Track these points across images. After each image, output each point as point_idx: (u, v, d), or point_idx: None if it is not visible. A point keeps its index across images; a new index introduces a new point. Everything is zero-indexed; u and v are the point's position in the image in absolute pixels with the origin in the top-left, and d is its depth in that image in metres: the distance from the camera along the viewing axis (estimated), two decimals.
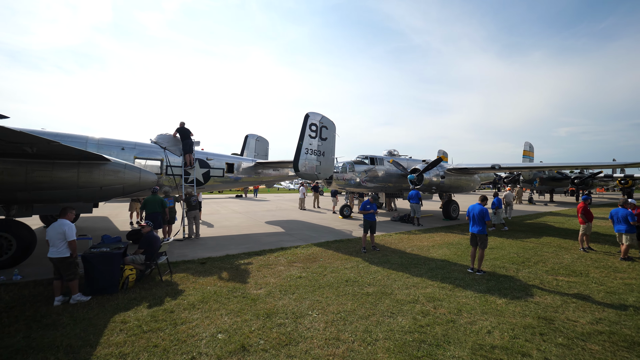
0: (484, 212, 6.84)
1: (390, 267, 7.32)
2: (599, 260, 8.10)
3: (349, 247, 9.24)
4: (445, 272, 6.95)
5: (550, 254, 8.70)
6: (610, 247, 9.56)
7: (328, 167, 11.58)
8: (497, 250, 9.00)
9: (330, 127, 11.58)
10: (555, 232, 12.13)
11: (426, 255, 8.50)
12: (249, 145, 16.23)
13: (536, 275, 6.83)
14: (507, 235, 11.48)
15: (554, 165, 12.00)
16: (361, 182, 15.36)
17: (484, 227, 6.90)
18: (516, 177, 26.47)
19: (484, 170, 13.61)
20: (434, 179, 14.43)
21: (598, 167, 10.49)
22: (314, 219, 15.42)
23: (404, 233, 11.73)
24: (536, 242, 10.31)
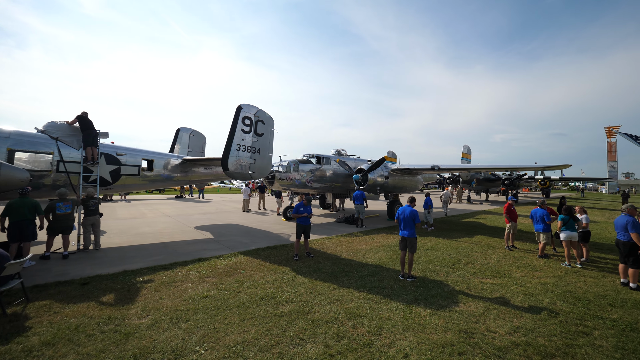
0: (414, 214, 6.50)
1: (319, 276, 6.64)
2: (520, 258, 8.36)
3: (280, 255, 8.40)
4: (376, 280, 6.47)
5: (480, 253, 8.82)
6: (530, 244, 10.09)
7: (264, 165, 10.61)
8: (432, 252, 8.89)
9: (267, 122, 10.62)
10: (486, 231, 12.68)
11: (361, 260, 8.02)
12: (181, 140, 14.50)
13: (464, 278, 6.68)
14: (444, 235, 11.66)
15: (487, 167, 12.53)
16: (306, 182, 14.65)
17: (414, 230, 6.57)
18: (457, 178, 28.19)
19: (425, 171, 13.84)
20: (378, 179, 14.28)
21: (523, 169, 11.05)
22: (254, 222, 14.32)
23: (345, 235, 11.25)
24: (469, 241, 10.53)
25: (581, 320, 4.81)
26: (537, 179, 30.52)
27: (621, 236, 6.31)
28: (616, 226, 6.48)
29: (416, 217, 6.48)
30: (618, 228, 6.39)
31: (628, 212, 6.32)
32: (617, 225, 6.44)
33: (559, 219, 7.97)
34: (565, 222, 7.83)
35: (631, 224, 6.11)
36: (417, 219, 6.48)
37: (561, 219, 7.91)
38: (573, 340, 4.23)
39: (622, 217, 6.37)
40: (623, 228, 6.24)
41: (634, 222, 6.13)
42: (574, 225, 7.80)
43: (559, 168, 10.31)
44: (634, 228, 6.04)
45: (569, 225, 7.79)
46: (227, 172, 9.51)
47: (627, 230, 6.19)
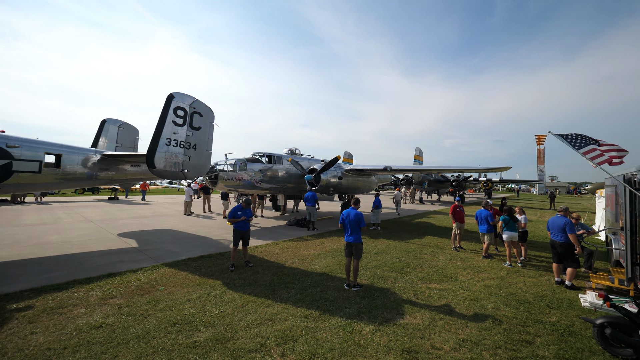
0: (359, 217, 5.95)
1: (254, 291, 5.78)
2: (466, 259, 8.34)
3: (214, 265, 7.35)
4: (318, 292, 5.79)
5: (428, 256, 8.66)
6: (476, 244, 10.29)
7: (201, 163, 9.41)
8: (381, 256, 8.51)
9: (206, 115, 9.44)
10: (435, 231, 12.84)
11: (306, 268, 7.31)
12: (107, 133, 12.51)
13: (412, 284, 6.32)
14: (395, 236, 11.48)
15: (435, 168, 12.67)
16: (255, 183, 13.61)
17: (360, 235, 6.03)
18: (410, 179, 29.15)
19: (378, 171, 13.68)
20: (331, 179, 13.77)
21: (469, 170, 11.23)
22: (194, 226, 12.89)
23: (293, 240, 10.47)
24: (418, 243, 10.43)
25: (523, 326, 4.61)
26: (480, 180, 32.91)
27: (558, 237, 6.39)
28: (552, 227, 6.58)
29: (361, 221, 5.94)
30: (554, 229, 6.48)
31: (564, 214, 6.46)
32: (553, 226, 6.54)
33: (500, 220, 8.09)
34: (506, 223, 7.95)
35: (569, 226, 6.21)
36: (362, 222, 5.95)
37: (502, 220, 8.02)
38: (517, 351, 3.94)
39: (559, 218, 6.48)
40: (561, 229, 6.32)
41: (571, 224, 6.25)
42: (514, 226, 7.95)
43: (500, 170, 10.72)
44: (571, 230, 6.15)
45: (509, 225, 7.91)
46: (154, 170, 8.17)
47: (564, 232, 6.28)
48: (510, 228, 7.91)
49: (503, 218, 8.00)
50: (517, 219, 8.07)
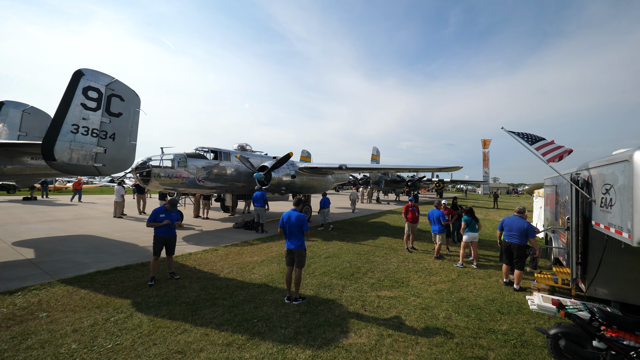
0: (301, 220, 5.16)
1: (170, 312, 4.68)
2: (418, 261, 8.03)
3: (129, 279, 6.04)
4: (252, 308, 4.88)
5: (381, 258, 8.20)
6: (428, 244, 10.14)
7: (122, 156, 7.91)
8: (332, 260, 7.84)
9: (129, 99, 7.96)
10: (390, 231, 12.60)
11: (244, 278, 6.35)
12: (6, 119, 10.22)
13: (361, 292, 5.70)
14: (349, 238, 10.95)
15: (390, 167, 12.46)
16: (198, 181, 12.18)
17: (303, 241, 5.24)
18: (368, 179, 29.36)
19: (333, 169, 13.12)
20: (284, 178, 12.86)
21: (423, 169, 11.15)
22: (120, 231, 11.10)
23: (237, 245, 9.38)
24: (372, 244, 9.99)
25: (476, 338, 4.19)
26: (433, 181, 34.45)
27: (516, 239, 6.11)
28: (509, 228, 6.28)
29: (304, 224, 5.16)
30: (513, 230, 6.18)
31: (523, 216, 6.27)
32: (510, 227, 6.25)
33: (463, 220, 7.85)
34: (468, 224, 7.75)
35: (531, 231, 6.02)
36: (305, 225, 5.16)
37: (465, 220, 7.80)
38: None
39: (518, 220, 6.20)
40: (521, 232, 6.07)
41: (532, 228, 6.05)
42: (475, 227, 7.79)
43: (452, 170, 10.75)
44: (533, 234, 5.98)
45: (471, 226, 7.73)
46: (53, 163, 6.57)
47: (525, 235, 6.05)
48: (472, 229, 7.73)
49: (465, 219, 7.79)
50: (478, 219, 7.92)
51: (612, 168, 3.97)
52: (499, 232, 6.67)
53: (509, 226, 6.32)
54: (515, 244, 6.15)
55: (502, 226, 6.49)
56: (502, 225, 6.52)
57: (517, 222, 6.20)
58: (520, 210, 6.41)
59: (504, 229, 6.42)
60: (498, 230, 6.66)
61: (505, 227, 6.41)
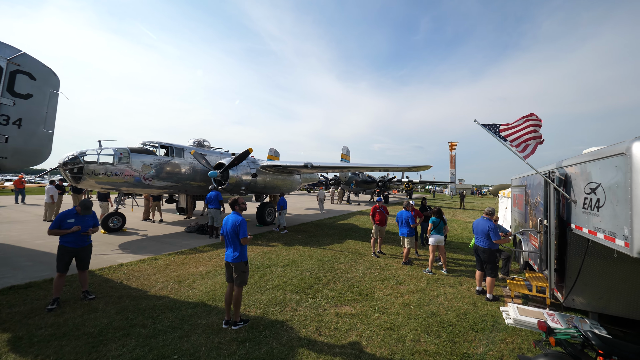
0: (237, 225, 4.19)
1: (61, 350, 3.51)
2: (385, 267, 7.34)
3: (24, 303, 4.70)
4: (177, 338, 3.82)
5: (346, 265, 7.41)
6: (396, 247, 9.55)
7: (32, 148, 6.41)
8: (290, 269, 6.91)
9: (42, 79, 6.49)
10: (358, 234, 11.93)
11: (180, 295, 5.24)
12: None
13: (318, 310, 4.83)
14: (314, 242, 10.07)
15: (358, 165, 11.79)
16: (143, 179, 10.70)
17: (243, 252, 4.28)
18: (338, 179, 28.78)
19: (298, 168, 12.21)
20: (243, 177, 11.71)
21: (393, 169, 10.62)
22: (43, 237, 9.34)
23: (183, 252, 8.15)
24: (338, 248, 9.20)
25: None
26: (403, 181, 34.74)
27: (481, 242, 5.71)
28: (476, 230, 5.89)
29: (241, 229, 4.19)
30: (478, 233, 5.79)
31: (490, 217, 5.81)
32: (477, 230, 5.85)
33: (430, 222, 7.26)
34: (435, 225, 7.17)
35: (493, 231, 5.53)
36: (243, 231, 4.20)
37: (432, 222, 7.21)
38: None
39: (483, 221, 5.79)
40: (484, 234, 5.63)
41: (495, 229, 5.58)
42: (442, 229, 7.23)
43: (422, 169, 10.32)
44: (496, 235, 5.48)
45: (438, 228, 7.16)
46: None
47: (488, 237, 5.60)
48: (439, 231, 7.16)
49: (433, 220, 7.21)
50: (446, 221, 7.38)
51: (600, 164, 3.44)
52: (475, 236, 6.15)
53: (475, 229, 5.90)
54: (480, 248, 5.72)
55: (473, 229, 6.01)
56: (473, 228, 6.04)
57: (481, 224, 5.76)
58: (488, 212, 5.94)
59: (474, 231, 5.96)
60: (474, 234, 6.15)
61: (474, 229, 5.94)
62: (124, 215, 10.99)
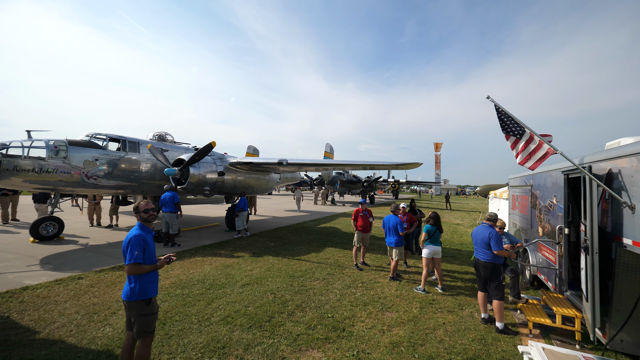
0: (131, 243, 2.79)
1: None
2: (369, 284, 6.03)
3: None
4: None
5: (321, 282, 6.05)
6: (383, 257, 8.30)
7: None
8: (250, 290, 5.49)
9: None
10: (339, 240, 10.61)
11: (83, 339, 3.74)
12: None
13: (273, 358, 3.44)
14: (287, 251, 8.67)
15: (339, 162, 10.51)
16: (86, 178, 9.00)
17: (142, 286, 2.84)
18: (322, 179, 27.45)
19: (271, 165, 10.77)
20: (208, 175, 10.15)
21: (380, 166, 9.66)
22: None
23: (120, 268, 6.57)
24: (314, 259, 7.84)
25: None
26: (389, 181, 33.85)
27: (481, 254, 4.52)
28: (475, 240, 4.68)
29: (129, 252, 2.77)
30: (478, 243, 4.58)
31: (492, 224, 4.60)
32: (476, 239, 4.63)
33: (424, 230, 5.99)
34: (431, 234, 5.91)
35: (495, 239, 4.33)
36: (130, 254, 2.76)
37: (427, 230, 5.95)
38: None
39: (484, 228, 4.59)
40: (484, 244, 4.44)
41: (498, 237, 4.38)
42: (439, 238, 5.99)
43: (412, 166, 9.14)
44: (497, 245, 4.27)
45: (434, 237, 5.91)
46: None
47: (489, 247, 4.41)
48: (435, 241, 5.92)
49: (428, 228, 5.95)
50: (442, 229, 6.13)
51: None
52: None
53: (475, 238, 4.70)
54: (480, 261, 4.54)
55: (473, 239, 4.81)
56: (472, 236, 4.83)
57: (481, 232, 4.57)
58: (490, 218, 4.74)
59: (473, 241, 4.75)
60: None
61: (473, 239, 4.74)
62: (61, 220, 9.22)
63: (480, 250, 4.56)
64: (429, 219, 6.08)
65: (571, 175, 4.65)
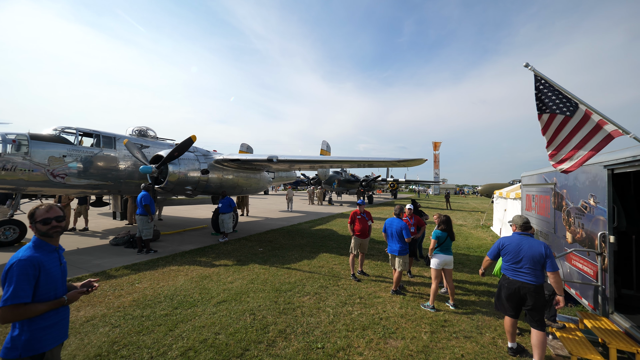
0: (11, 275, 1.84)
1: None
2: (368, 301, 5.13)
3: None
4: None
5: (312, 299, 5.14)
6: (383, 264, 7.41)
7: None
8: (226, 309, 4.58)
9: None
10: (336, 244, 9.72)
11: None
12: None
13: None
14: (277, 257, 7.76)
15: (334, 159, 9.59)
16: (52, 176, 8.06)
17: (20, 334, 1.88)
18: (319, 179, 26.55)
19: (260, 162, 9.86)
20: (190, 173, 9.20)
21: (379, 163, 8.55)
22: None
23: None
24: (306, 267, 6.94)
25: None
26: (388, 181, 33.02)
27: (528, 276, 3.42)
28: (515, 255, 3.54)
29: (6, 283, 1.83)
30: (523, 260, 3.46)
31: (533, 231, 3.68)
32: (517, 255, 3.52)
33: (434, 237, 5.04)
34: (441, 242, 5.00)
35: (551, 262, 3.33)
36: (6, 288, 1.83)
37: (436, 237, 5.01)
38: None
39: (529, 241, 3.50)
40: (536, 262, 3.38)
41: (551, 253, 3.41)
42: (450, 246, 5.07)
43: (417, 163, 8.26)
44: (552, 267, 3.32)
45: (445, 245, 5.00)
46: None
47: (542, 268, 3.39)
48: (446, 249, 5.01)
49: (438, 234, 5.03)
50: (454, 235, 5.19)
51: None
52: (488, 259, 3.92)
53: (513, 253, 3.55)
54: (530, 286, 3.41)
55: (499, 251, 3.75)
56: (498, 249, 3.76)
57: (527, 246, 3.46)
58: (526, 226, 3.67)
59: (504, 256, 3.71)
60: (488, 257, 3.92)
61: (506, 254, 3.64)
62: (23, 224, 8.26)
63: (529, 271, 3.41)
64: (439, 224, 5.17)
65: (617, 171, 3.78)
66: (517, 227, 3.65)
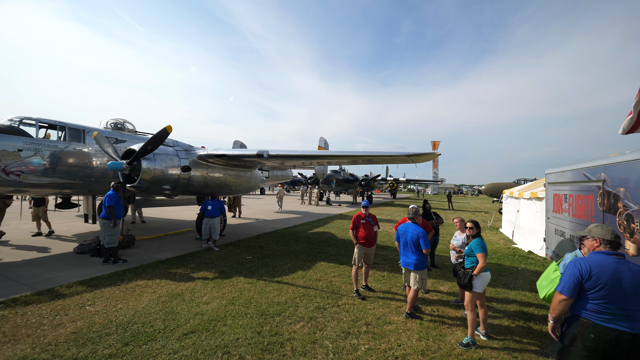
0: None
1: None
2: (377, 329, 4.05)
3: None
4: None
5: (306, 328, 4.05)
6: (391, 275, 6.35)
7: None
8: (192, 344, 3.48)
9: None
10: (335, 250, 8.64)
11: None
12: None
13: None
14: (268, 266, 6.67)
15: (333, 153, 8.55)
16: (3, 173, 6.91)
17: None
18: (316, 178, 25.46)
19: (250, 158, 8.76)
20: (169, 170, 8.06)
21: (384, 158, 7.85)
22: None
23: (15, 302, 4.50)
24: (300, 281, 5.85)
25: None
26: (387, 180, 32.03)
27: (622, 321, 2.12)
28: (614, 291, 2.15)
29: None
30: (625, 296, 2.13)
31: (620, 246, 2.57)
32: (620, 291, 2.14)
33: (478, 250, 3.81)
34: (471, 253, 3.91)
35: None
36: None
37: (483, 249, 3.78)
38: None
39: (634, 267, 2.20)
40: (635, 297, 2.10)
41: None
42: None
43: (428, 158, 7.27)
44: None
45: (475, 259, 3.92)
46: None
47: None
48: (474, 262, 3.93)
49: (474, 245, 3.87)
50: (485, 245, 4.04)
51: None
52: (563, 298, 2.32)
53: (609, 288, 2.17)
54: (626, 334, 2.09)
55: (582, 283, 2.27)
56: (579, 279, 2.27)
57: (629, 276, 2.14)
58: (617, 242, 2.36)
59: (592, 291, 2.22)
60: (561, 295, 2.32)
61: (596, 288, 2.21)
62: None
63: (629, 312, 2.12)
64: (472, 228, 4.05)
65: None
66: (600, 242, 2.37)
